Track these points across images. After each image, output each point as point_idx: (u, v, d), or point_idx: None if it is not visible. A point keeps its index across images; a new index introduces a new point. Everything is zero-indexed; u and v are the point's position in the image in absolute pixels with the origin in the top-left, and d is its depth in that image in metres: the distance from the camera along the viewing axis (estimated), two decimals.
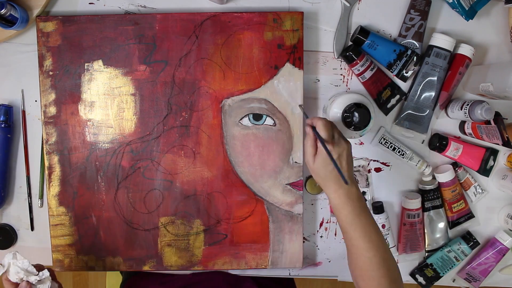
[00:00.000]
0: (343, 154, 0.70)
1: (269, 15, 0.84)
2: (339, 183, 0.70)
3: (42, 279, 0.71)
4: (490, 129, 0.84)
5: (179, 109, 0.85)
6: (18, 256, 0.70)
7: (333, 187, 0.71)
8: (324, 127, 0.70)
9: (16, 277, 0.69)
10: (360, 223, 0.70)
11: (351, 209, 0.70)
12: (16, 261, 0.70)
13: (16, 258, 0.70)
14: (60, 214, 0.86)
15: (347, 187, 0.70)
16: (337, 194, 0.70)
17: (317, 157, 0.71)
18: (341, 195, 0.70)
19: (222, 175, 0.86)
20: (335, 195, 0.71)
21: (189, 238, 0.88)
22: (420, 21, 0.86)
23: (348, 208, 0.70)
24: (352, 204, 0.70)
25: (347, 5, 0.87)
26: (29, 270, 0.70)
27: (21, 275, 0.69)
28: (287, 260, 0.89)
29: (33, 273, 0.70)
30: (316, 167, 0.71)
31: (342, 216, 0.70)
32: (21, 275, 0.69)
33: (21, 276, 0.69)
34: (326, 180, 0.71)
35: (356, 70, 0.86)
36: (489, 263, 0.92)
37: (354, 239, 0.70)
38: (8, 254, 0.70)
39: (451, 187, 0.90)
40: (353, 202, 0.70)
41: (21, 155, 0.89)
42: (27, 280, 0.69)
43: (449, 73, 0.87)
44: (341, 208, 0.70)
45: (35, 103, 0.88)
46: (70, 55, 0.84)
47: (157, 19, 0.83)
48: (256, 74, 0.85)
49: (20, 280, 0.69)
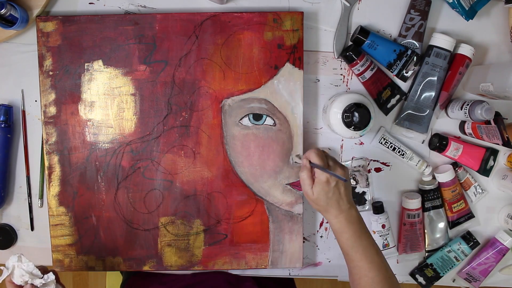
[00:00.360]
0: (338, 181, 0.72)
1: (269, 15, 0.84)
2: (339, 208, 0.72)
3: (47, 282, 0.71)
4: (490, 129, 0.84)
5: (179, 109, 0.85)
6: (23, 259, 0.70)
7: (334, 213, 0.73)
8: (318, 156, 0.72)
9: (21, 280, 0.69)
10: (361, 245, 0.72)
11: (352, 232, 0.72)
12: (21, 263, 0.69)
13: (21, 260, 0.69)
14: (60, 214, 0.86)
15: (347, 210, 0.72)
16: (338, 219, 0.73)
17: (315, 187, 0.72)
18: (341, 220, 0.72)
19: (222, 175, 0.86)
20: (336, 220, 0.73)
21: (189, 238, 0.88)
22: (420, 21, 0.86)
23: (349, 232, 0.72)
24: (353, 227, 0.72)
25: (347, 5, 0.87)
26: (34, 273, 0.70)
27: (26, 278, 0.69)
28: (287, 260, 0.89)
29: (38, 276, 0.70)
30: (315, 197, 0.73)
31: (344, 239, 0.73)
32: (26, 278, 0.69)
33: (25, 279, 0.69)
34: (327, 207, 0.73)
35: (356, 70, 0.86)
36: (489, 263, 0.92)
37: (356, 261, 0.72)
38: (13, 256, 0.70)
39: (451, 187, 0.90)
40: (354, 225, 0.72)
41: (21, 155, 0.89)
42: (32, 283, 0.69)
43: (449, 73, 0.87)
44: (342, 232, 0.73)
45: (35, 103, 0.88)
46: (70, 55, 0.84)
47: (157, 19, 0.83)
48: (256, 74, 0.85)
49: (25, 283, 0.69)
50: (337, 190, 0.72)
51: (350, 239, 0.72)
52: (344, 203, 0.72)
